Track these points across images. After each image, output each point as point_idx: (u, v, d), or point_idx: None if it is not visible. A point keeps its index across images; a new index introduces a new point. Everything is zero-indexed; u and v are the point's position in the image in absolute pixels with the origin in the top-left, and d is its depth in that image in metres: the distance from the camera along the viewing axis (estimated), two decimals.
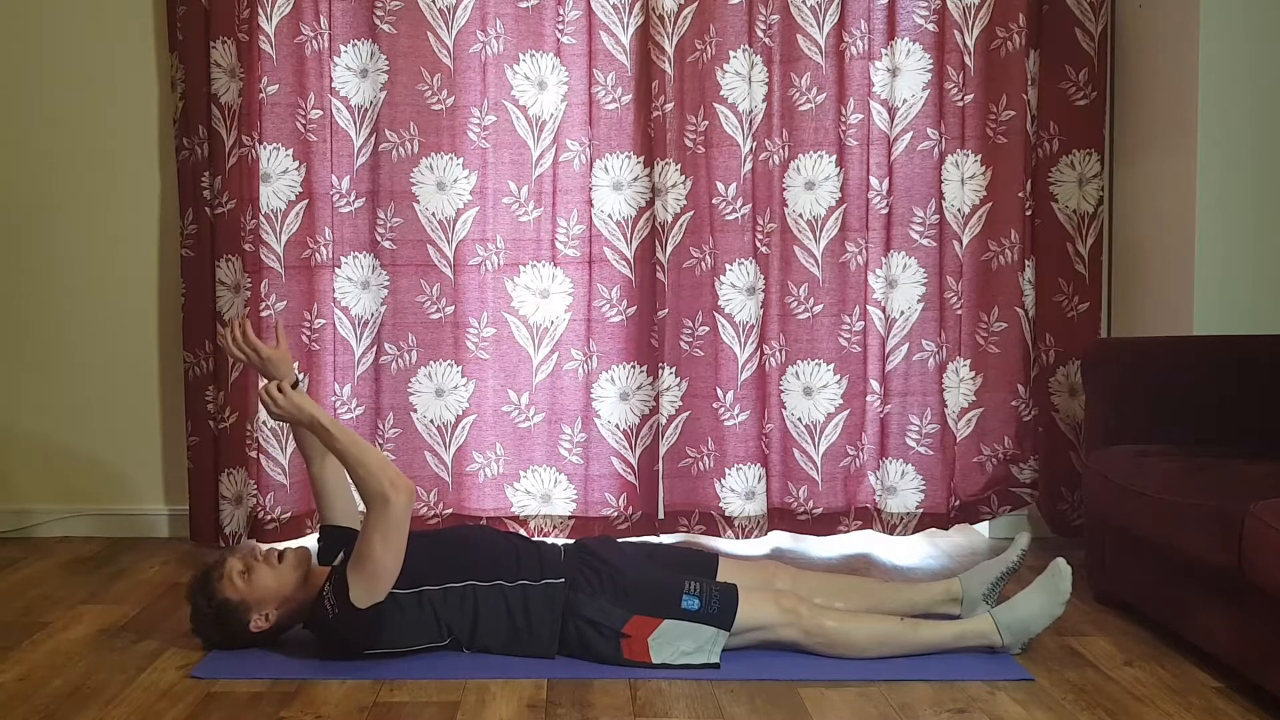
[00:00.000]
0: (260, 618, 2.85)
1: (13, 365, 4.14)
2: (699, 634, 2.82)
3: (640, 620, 2.83)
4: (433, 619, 2.83)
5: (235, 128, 3.90)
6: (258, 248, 3.90)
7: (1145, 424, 3.24)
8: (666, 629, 2.82)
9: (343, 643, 2.81)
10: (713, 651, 2.82)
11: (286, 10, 3.89)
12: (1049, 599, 2.86)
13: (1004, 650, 2.87)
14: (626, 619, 2.83)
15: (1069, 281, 3.99)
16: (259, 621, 2.85)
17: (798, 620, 2.86)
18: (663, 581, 2.92)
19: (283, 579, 2.87)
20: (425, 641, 2.84)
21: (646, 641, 2.82)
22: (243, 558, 2.89)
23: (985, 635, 2.87)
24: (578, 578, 2.90)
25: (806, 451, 4.00)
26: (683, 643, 2.82)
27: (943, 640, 2.88)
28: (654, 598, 2.86)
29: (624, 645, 2.82)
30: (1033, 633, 2.87)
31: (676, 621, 2.82)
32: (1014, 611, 2.87)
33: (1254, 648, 2.55)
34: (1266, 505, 2.46)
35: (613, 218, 3.98)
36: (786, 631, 2.87)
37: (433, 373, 4.00)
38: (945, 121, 3.94)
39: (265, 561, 2.88)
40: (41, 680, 2.76)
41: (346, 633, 2.78)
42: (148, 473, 4.16)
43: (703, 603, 2.84)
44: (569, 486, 4.02)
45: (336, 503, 3.12)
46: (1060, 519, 3.99)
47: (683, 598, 2.85)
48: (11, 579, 3.64)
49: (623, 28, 3.93)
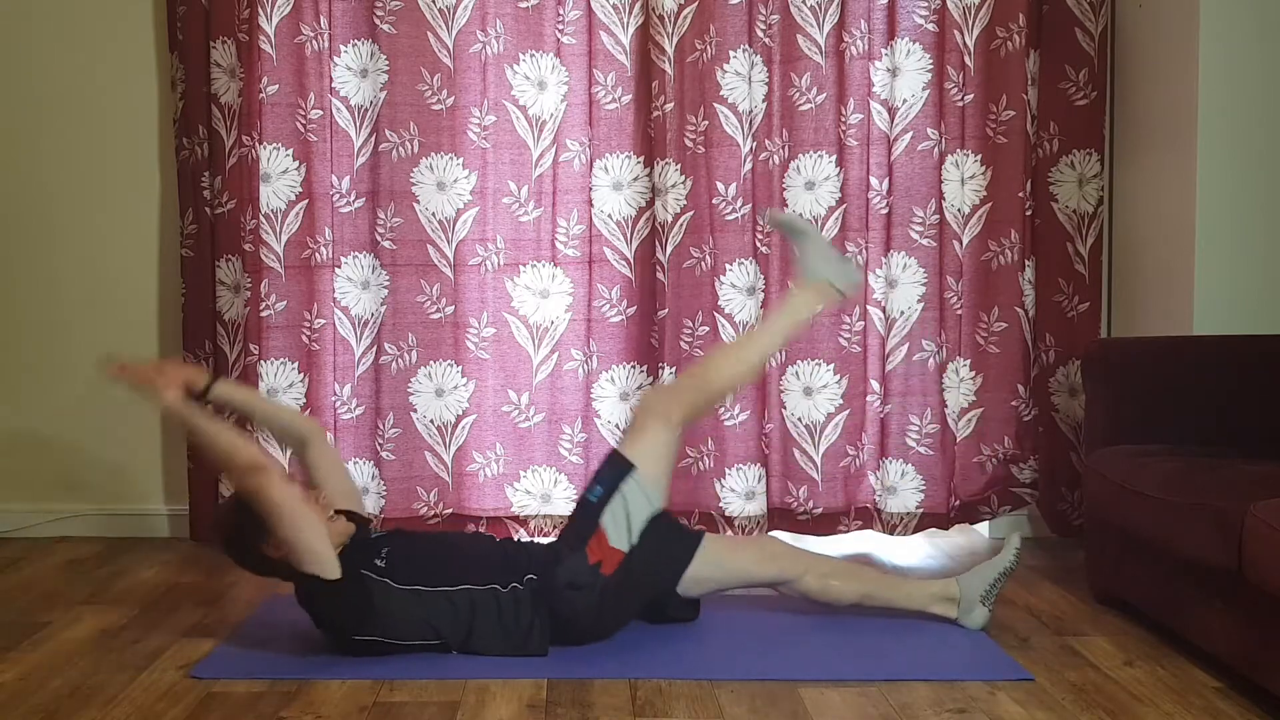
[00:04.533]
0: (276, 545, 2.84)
1: (12, 365, 4.14)
2: (628, 495, 2.96)
3: (592, 543, 2.94)
4: (422, 619, 2.84)
5: (235, 128, 3.90)
6: (258, 248, 3.90)
7: (1145, 424, 3.25)
8: (608, 522, 2.95)
9: (329, 618, 2.83)
10: (652, 495, 2.98)
11: (286, 10, 3.89)
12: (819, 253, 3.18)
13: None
14: (584, 555, 2.92)
15: (1069, 281, 3.99)
16: (272, 550, 2.84)
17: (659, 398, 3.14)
18: (575, 510, 3.08)
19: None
20: (414, 638, 2.85)
21: (610, 548, 2.93)
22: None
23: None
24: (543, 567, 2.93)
25: (806, 451, 4.00)
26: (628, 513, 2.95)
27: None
28: (580, 521, 3.01)
29: (602, 571, 2.90)
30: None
31: (606, 511, 2.96)
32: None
33: (1254, 648, 2.55)
34: (1266, 505, 2.46)
35: (613, 218, 3.98)
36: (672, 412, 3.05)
37: (433, 373, 4.00)
38: (945, 121, 3.94)
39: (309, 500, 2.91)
40: (41, 680, 2.76)
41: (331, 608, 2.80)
42: (148, 473, 4.17)
43: (600, 483, 3.02)
44: (569, 486, 4.02)
45: (331, 487, 3.13)
46: (1060, 519, 3.99)
47: (588, 495, 3.02)
48: (11, 579, 3.64)
49: (623, 28, 3.93)
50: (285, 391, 3.95)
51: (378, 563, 2.87)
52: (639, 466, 3.01)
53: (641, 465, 3.01)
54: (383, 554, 2.90)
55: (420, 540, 3.02)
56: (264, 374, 3.92)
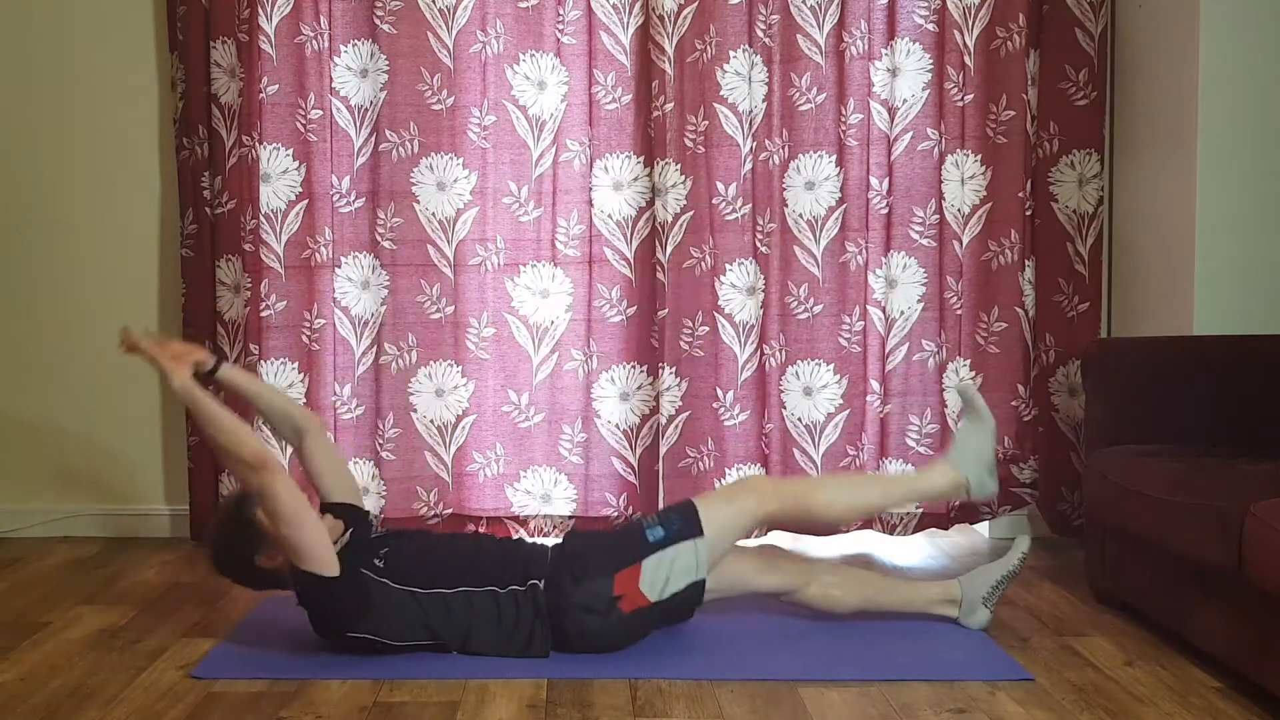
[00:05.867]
0: (270, 556, 2.87)
1: (12, 365, 4.14)
2: (680, 554, 2.86)
3: (623, 576, 2.85)
4: (418, 621, 2.83)
5: (235, 128, 3.90)
6: (258, 248, 3.90)
7: (1145, 424, 3.25)
8: (649, 567, 2.85)
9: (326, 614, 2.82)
10: (700, 565, 2.86)
11: (286, 10, 3.89)
12: (976, 424, 3.06)
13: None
14: (610, 583, 2.84)
15: (1069, 281, 3.99)
16: (267, 559, 2.87)
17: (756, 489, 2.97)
18: (622, 531, 2.97)
19: None
20: (409, 639, 2.84)
21: (638, 590, 2.85)
22: None
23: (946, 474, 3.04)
24: (553, 575, 2.90)
25: (807, 451, 4.00)
26: (671, 570, 2.85)
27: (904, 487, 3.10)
28: (622, 549, 2.90)
29: (620, 606, 2.84)
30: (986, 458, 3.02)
31: (653, 556, 2.86)
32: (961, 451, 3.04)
33: (1254, 648, 2.55)
34: (1266, 505, 2.46)
35: (613, 218, 3.98)
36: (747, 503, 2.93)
37: (433, 373, 4.00)
38: (945, 121, 3.94)
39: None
40: (41, 680, 2.76)
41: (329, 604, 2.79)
42: (148, 473, 4.17)
43: (665, 527, 2.90)
44: (569, 486, 4.02)
45: (329, 480, 3.14)
46: (1060, 519, 3.99)
47: (645, 533, 2.90)
48: (11, 579, 3.64)
49: (623, 28, 3.93)
50: (285, 392, 3.94)
51: (376, 562, 2.87)
52: (707, 535, 2.90)
53: (710, 535, 2.90)
54: (381, 554, 2.90)
55: (418, 541, 3.01)
56: (264, 374, 3.92)
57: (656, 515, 2.96)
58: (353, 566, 2.83)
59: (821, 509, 3.01)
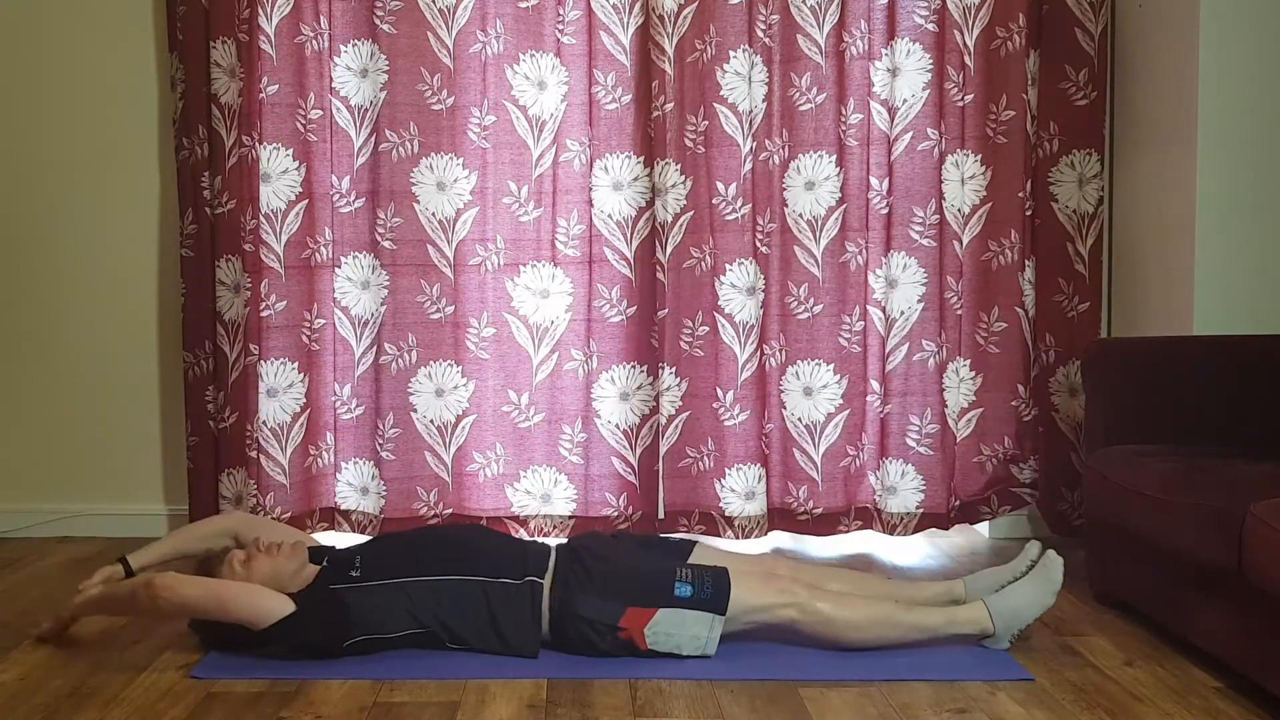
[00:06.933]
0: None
1: (12, 365, 4.14)
2: (695, 620, 2.82)
3: (635, 612, 2.82)
4: (403, 608, 2.84)
5: (235, 128, 3.90)
6: (258, 248, 3.90)
7: (1145, 424, 3.24)
8: (662, 618, 2.82)
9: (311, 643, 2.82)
10: (709, 641, 2.83)
11: (286, 10, 3.89)
12: (1040, 588, 2.87)
13: (994, 641, 2.88)
14: (620, 612, 2.83)
15: (1069, 281, 3.99)
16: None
17: (794, 599, 2.85)
18: (654, 571, 2.91)
19: (279, 569, 2.92)
20: (398, 629, 2.85)
21: (642, 632, 2.82)
22: (245, 548, 2.99)
23: (978, 621, 2.86)
24: (569, 577, 2.89)
25: (806, 451, 4.00)
26: (679, 631, 2.82)
27: (934, 624, 2.87)
28: (647, 588, 2.86)
29: (620, 636, 2.83)
30: (1023, 621, 2.87)
31: (671, 610, 2.82)
32: (1006, 600, 2.87)
33: (1254, 648, 2.55)
34: (1266, 505, 2.46)
35: (613, 218, 3.98)
36: (783, 612, 2.85)
37: (433, 373, 4.00)
38: (945, 121, 3.94)
39: (266, 552, 2.94)
40: (41, 680, 2.76)
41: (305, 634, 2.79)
42: (147, 473, 4.17)
43: (695, 589, 2.84)
44: (569, 486, 4.02)
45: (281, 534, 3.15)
46: (1060, 519, 3.99)
47: (675, 585, 2.85)
48: (11, 579, 3.64)
49: (623, 28, 3.93)
50: (285, 391, 3.95)
51: (352, 574, 2.90)
52: (729, 614, 2.83)
53: (730, 615, 2.84)
54: (356, 564, 2.93)
55: (397, 538, 3.05)
56: (264, 374, 3.92)
57: (692, 570, 2.89)
58: (321, 589, 2.85)
59: (849, 644, 2.88)
